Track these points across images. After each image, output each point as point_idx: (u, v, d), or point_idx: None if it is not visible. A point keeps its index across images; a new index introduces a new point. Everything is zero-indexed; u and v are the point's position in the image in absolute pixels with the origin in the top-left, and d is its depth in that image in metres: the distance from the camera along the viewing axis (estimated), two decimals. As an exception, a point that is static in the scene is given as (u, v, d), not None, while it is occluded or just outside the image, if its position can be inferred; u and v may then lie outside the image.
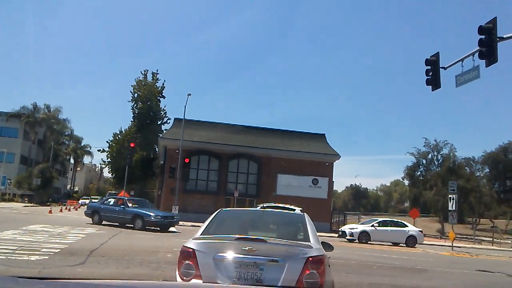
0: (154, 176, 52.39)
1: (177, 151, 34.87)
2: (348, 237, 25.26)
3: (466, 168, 67.41)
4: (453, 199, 23.58)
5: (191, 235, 5.09)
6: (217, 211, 6.12)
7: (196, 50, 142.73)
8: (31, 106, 64.97)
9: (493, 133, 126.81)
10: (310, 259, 4.47)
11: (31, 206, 43.74)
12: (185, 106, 34.81)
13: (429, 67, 13.77)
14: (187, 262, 4.58)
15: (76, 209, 45.28)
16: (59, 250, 11.02)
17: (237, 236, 4.65)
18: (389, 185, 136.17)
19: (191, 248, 4.64)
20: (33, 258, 9.41)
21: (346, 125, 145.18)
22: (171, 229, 22.66)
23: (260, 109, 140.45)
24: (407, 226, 26.13)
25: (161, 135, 41.78)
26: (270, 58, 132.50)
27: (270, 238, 4.79)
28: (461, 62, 12.73)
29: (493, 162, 69.69)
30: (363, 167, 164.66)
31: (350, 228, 25.55)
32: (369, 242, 24.87)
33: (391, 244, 25.95)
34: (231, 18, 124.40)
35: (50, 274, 7.65)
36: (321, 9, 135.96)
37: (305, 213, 6.08)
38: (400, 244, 25.75)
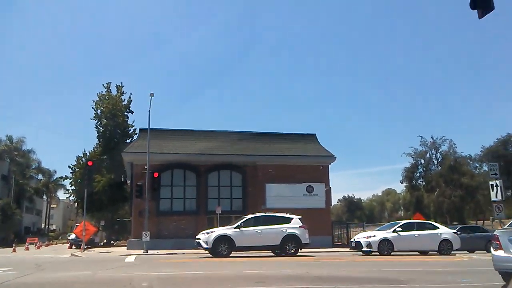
0: (127, 201, 45.95)
1: (145, 166, 28.97)
2: (364, 249, 19.49)
3: (469, 161, 62.46)
4: (496, 185, 17.97)
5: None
6: None
7: (168, 59, 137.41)
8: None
9: (491, 128, 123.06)
10: None
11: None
12: (149, 110, 28.85)
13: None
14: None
15: (39, 248, 42.06)
16: None
17: None
18: (380, 194, 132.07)
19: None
20: None
21: (332, 138, 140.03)
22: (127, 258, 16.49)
23: (243, 116, 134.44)
24: (438, 228, 20.49)
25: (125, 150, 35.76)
26: (249, 63, 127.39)
27: None
28: None
29: (493, 158, 65.50)
30: (353, 181, 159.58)
31: (366, 237, 19.70)
32: (392, 253, 19.13)
33: (418, 253, 20.29)
34: (200, 26, 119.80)
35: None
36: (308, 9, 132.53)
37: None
38: (430, 253, 20.13)
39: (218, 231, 18.34)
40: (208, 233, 18.17)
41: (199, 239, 18.14)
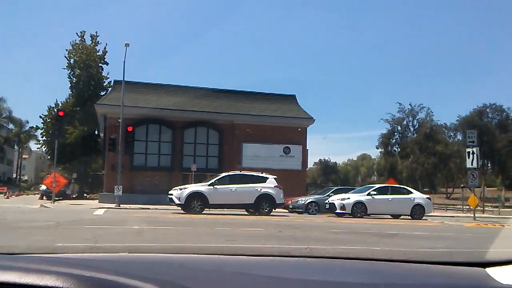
0: (100, 155, 44.98)
1: (119, 120, 28.04)
2: (338, 211, 19.45)
3: (444, 130, 63.31)
4: (473, 153, 17.94)
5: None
6: None
7: (148, 11, 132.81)
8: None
9: (468, 97, 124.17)
10: None
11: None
12: (124, 61, 27.57)
13: None
14: None
15: (8, 198, 40.23)
16: None
17: None
18: (356, 159, 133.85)
19: None
20: None
21: (312, 101, 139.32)
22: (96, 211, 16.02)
23: (222, 73, 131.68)
24: (412, 192, 20.55)
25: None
26: (233, 18, 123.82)
27: None
28: None
29: (468, 127, 66.56)
30: (331, 145, 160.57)
31: (340, 199, 19.62)
32: (365, 216, 19.17)
33: (390, 216, 20.43)
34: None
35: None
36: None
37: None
38: (402, 216, 20.29)
39: (192, 187, 17.95)
40: (181, 189, 17.76)
41: (171, 194, 17.73)
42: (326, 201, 20.72)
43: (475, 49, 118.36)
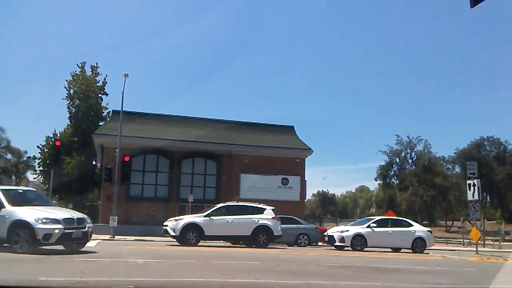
0: (97, 185, 44.56)
1: (116, 150, 27.87)
2: (337, 243, 19.03)
3: (442, 162, 63.12)
4: (474, 185, 17.68)
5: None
6: None
7: (153, 52, 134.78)
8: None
9: (466, 131, 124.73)
10: None
11: None
12: (122, 91, 27.67)
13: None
14: None
15: None
16: None
17: None
18: (354, 191, 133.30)
19: None
20: None
21: (310, 133, 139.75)
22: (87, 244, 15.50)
23: (220, 105, 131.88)
24: (412, 225, 20.16)
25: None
26: (238, 58, 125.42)
27: None
28: None
29: (466, 160, 66.52)
30: (328, 177, 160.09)
31: (340, 231, 19.22)
32: (365, 248, 18.73)
33: (391, 250, 19.98)
34: (189, 20, 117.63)
35: None
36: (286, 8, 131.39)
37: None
38: (402, 250, 19.85)
39: (187, 218, 17.55)
40: (176, 220, 17.37)
41: (166, 226, 17.33)
42: (325, 233, 20.29)
43: (473, 82, 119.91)
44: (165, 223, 17.76)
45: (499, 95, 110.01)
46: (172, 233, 16.99)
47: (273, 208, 19.14)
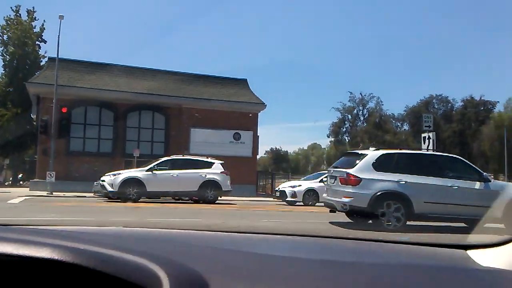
0: (36, 139, 41.77)
1: (53, 100, 25.52)
2: (289, 198, 18.35)
3: (392, 120, 64.24)
4: (429, 138, 17.21)
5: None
6: None
7: None
8: None
9: (417, 88, 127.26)
10: None
11: None
12: (58, 35, 25.17)
13: None
14: None
15: None
16: None
17: None
18: (306, 148, 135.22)
19: None
20: None
21: (263, 86, 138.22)
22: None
23: (170, 55, 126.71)
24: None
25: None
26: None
27: None
28: None
29: (415, 118, 68.01)
30: (282, 135, 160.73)
31: (292, 186, 18.52)
32: (317, 203, 18.18)
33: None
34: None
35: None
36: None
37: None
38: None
39: (126, 173, 16.19)
40: (114, 175, 15.97)
41: (103, 181, 15.91)
42: (277, 188, 19.58)
43: (423, 41, 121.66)
44: (102, 178, 16.34)
45: (451, 53, 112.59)
46: (110, 189, 15.62)
47: (222, 162, 18.11)
